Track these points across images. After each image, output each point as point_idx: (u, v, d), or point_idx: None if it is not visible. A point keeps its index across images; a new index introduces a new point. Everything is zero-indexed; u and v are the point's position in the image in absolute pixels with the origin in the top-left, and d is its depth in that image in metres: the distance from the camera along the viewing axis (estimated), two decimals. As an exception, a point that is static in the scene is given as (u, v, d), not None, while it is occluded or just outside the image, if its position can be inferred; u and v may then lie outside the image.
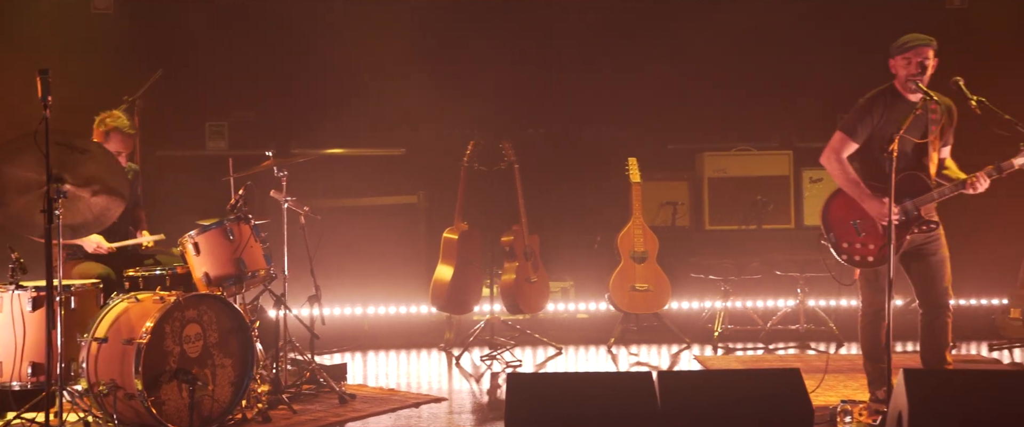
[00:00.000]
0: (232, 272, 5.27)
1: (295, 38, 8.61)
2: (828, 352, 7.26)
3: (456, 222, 7.47)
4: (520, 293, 7.29)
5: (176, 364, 4.85)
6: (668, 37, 8.71)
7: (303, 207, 5.94)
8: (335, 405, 5.62)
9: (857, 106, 5.32)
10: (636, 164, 7.72)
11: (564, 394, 4.13)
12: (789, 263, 7.75)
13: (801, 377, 4.09)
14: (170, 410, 4.81)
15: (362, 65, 8.58)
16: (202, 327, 4.96)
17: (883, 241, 5.06)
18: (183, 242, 5.33)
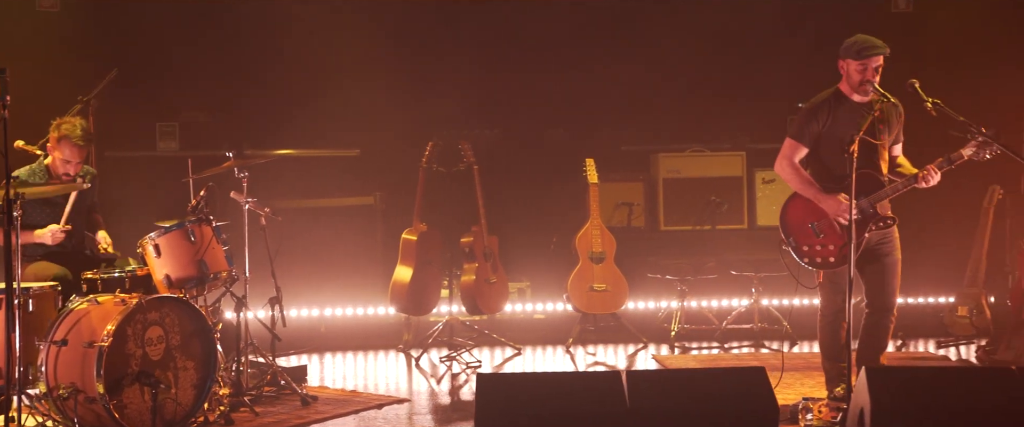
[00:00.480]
0: (194, 274, 5.22)
1: (247, 37, 8.53)
2: (782, 350, 7.36)
3: (415, 223, 7.46)
4: (480, 294, 7.30)
5: (138, 367, 4.79)
6: (624, 39, 8.78)
7: (264, 208, 5.90)
8: (297, 407, 5.59)
9: (801, 112, 5.45)
10: (593, 165, 7.78)
11: (533, 394, 4.15)
12: (744, 263, 7.86)
13: (766, 375, 4.16)
14: (132, 413, 4.75)
15: (316, 65, 8.53)
16: (164, 330, 4.91)
17: (842, 241, 5.17)
18: (143, 244, 5.26)
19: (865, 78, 5.21)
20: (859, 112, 5.28)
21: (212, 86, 8.56)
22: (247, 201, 5.77)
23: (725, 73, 8.99)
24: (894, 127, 5.42)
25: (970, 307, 7.35)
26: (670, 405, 4.08)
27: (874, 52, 5.22)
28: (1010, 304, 6.91)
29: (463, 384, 6.46)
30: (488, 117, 8.83)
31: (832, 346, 5.31)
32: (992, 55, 8.46)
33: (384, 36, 8.52)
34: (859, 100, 5.31)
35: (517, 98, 8.82)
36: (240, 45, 8.52)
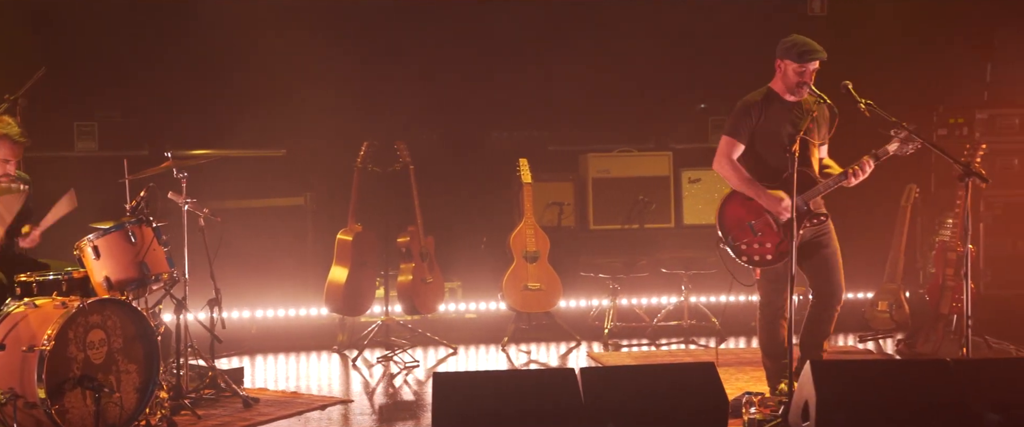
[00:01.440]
0: (135, 276, 5.13)
1: (168, 35, 8.36)
2: (715, 347, 7.53)
3: (350, 223, 7.44)
4: (416, 294, 7.31)
5: (80, 371, 4.70)
6: (554, 43, 8.85)
7: (203, 209, 5.82)
8: (239, 409, 5.54)
9: (736, 109, 5.58)
10: (527, 165, 7.85)
11: (489, 392, 4.19)
12: (674, 261, 8.01)
13: (716, 370, 4.28)
14: (74, 418, 4.65)
15: (241, 65, 8.42)
16: (106, 333, 4.82)
17: (779, 238, 5.33)
18: (81, 245, 5.15)
19: (803, 80, 5.36)
20: (791, 111, 5.47)
21: (132, 85, 8.37)
22: (186, 202, 5.69)
23: (650, 75, 9.13)
24: (823, 129, 5.60)
25: (889, 302, 7.63)
26: (623, 400, 4.16)
27: (814, 56, 5.39)
28: (928, 299, 7.18)
29: (403, 384, 6.46)
30: (418, 119, 8.81)
31: (772, 344, 5.46)
32: (902, 56, 8.77)
33: (313, 36, 8.44)
34: (791, 99, 5.48)
35: (446, 101, 8.82)
36: (161, 43, 8.34)
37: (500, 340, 7.66)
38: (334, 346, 7.50)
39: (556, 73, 8.81)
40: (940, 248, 7.14)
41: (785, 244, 5.31)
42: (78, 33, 8.13)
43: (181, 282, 5.58)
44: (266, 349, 7.47)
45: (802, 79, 5.37)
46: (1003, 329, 7.24)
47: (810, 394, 4.19)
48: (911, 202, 7.78)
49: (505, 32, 8.78)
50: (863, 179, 5.42)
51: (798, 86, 5.39)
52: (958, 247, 7.01)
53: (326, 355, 7.36)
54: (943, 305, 6.98)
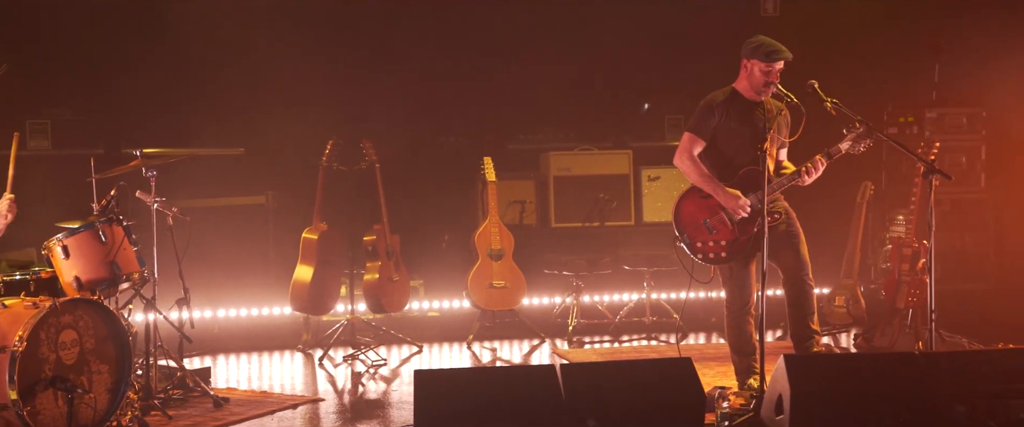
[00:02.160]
0: (106, 275, 5.08)
1: (124, 31, 8.26)
2: (677, 343, 7.62)
3: (315, 222, 7.41)
4: (383, 292, 7.31)
5: (52, 372, 4.64)
6: (513, 42, 8.90)
7: (171, 208, 5.77)
8: (210, 409, 5.50)
9: (699, 107, 5.69)
10: (491, 163, 7.88)
11: (471, 389, 4.23)
12: (637, 258, 8.10)
13: (693, 365, 4.35)
14: (46, 420, 4.60)
15: (201, 62, 8.36)
16: (78, 333, 4.77)
17: (733, 236, 5.46)
18: (49, 245, 5.09)
19: (769, 80, 5.47)
20: (754, 111, 5.59)
21: (83, 82, 8.26)
22: (156, 201, 5.64)
23: (607, 74, 9.23)
24: (785, 131, 5.75)
25: (846, 297, 7.78)
26: (603, 396, 4.22)
27: (780, 56, 5.50)
28: (884, 294, 7.35)
29: (372, 382, 6.47)
30: (378, 117, 8.77)
31: (740, 340, 5.56)
32: (852, 56, 8.95)
33: (275, 34, 8.40)
34: (755, 100, 5.60)
35: (406, 100, 8.81)
36: (116, 39, 8.24)
37: (464, 338, 7.69)
38: (299, 345, 7.48)
39: (517, 72, 8.85)
40: (896, 244, 7.31)
41: (739, 242, 5.46)
42: (28, 29, 7.98)
43: (151, 282, 5.52)
44: (229, 349, 7.42)
45: (769, 79, 5.48)
46: (954, 323, 7.42)
47: (784, 388, 4.28)
48: (866, 199, 7.94)
49: (467, 33, 8.82)
50: (817, 176, 5.55)
51: (765, 86, 5.49)
52: (913, 243, 7.17)
53: (291, 354, 7.33)
54: (899, 300, 7.14)
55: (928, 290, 5.19)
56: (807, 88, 5.44)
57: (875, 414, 4.24)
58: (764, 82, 5.49)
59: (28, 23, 7.99)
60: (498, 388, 4.24)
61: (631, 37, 9.07)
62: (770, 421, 4.45)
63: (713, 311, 8.42)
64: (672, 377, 4.29)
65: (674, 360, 4.36)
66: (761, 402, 4.69)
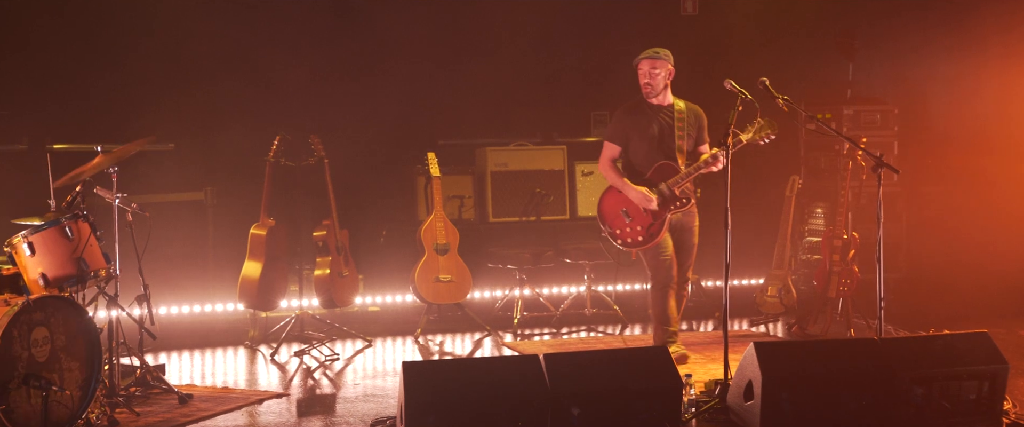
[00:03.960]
0: (73, 272, 5.03)
1: (45, 16, 8.07)
2: (619, 333, 7.84)
3: (262, 218, 7.39)
4: (334, 287, 7.34)
5: (25, 369, 4.58)
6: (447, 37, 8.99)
7: (131, 204, 5.72)
8: (175, 406, 5.49)
9: (614, 117, 6.54)
10: (435, 159, 7.96)
11: (458, 379, 4.34)
12: (578, 252, 8.29)
13: (669, 354, 4.54)
14: (20, 418, 4.54)
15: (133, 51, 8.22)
16: (50, 330, 4.72)
17: (649, 221, 6.24)
18: (13, 242, 5.00)
19: (643, 81, 6.27)
20: (658, 113, 6.33)
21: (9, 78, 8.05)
22: (117, 197, 5.58)
23: (536, 71, 9.39)
24: (693, 131, 6.41)
25: (778, 287, 8.11)
26: (586, 383, 4.38)
27: (639, 58, 6.30)
28: (816, 284, 7.69)
29: (330, 376, 6.51)
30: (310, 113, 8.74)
31: (663, 313, 6.32)
32: (769, 54, 9.30)
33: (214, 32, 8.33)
34: (656, 102, 6.32)
35: (343, 96, 8.81)
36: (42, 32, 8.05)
37: (410, 332, 7.77)
38: (247, 341, 7.45)
39: (451, 68, 8.96)
40: (826, 235, 7.65)
41: (655, 226, 6.22)
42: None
43: (114, 278, 5.47)
44: (175, 346, 7.34)
45: (642, 80, 6.27)
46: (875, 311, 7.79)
47: (755, 374, 4.50)
48: (795, 192, 8.27)
49: (404, 31, 8.87)
50: (723, 165, 5.90)
51: (644, 87, 6.27)
52: (843, 234, 7.52)
53: (239, 350, 7.30)
54: (831, 289, 7.49)
55: (878, 279, 5.48)
56: (758, 85, 5.70)
57: (841, 397, 4.49)
58: (642, 84, 6.28)
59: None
60: (485, 378, 4.35)
61: (557, 35, 9.25)
62: (739, 407, 4.67)
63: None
64: (650, 365, 4.47)
65: (650, 349, 4.56)
66: (726, 390, 4.91)
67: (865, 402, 4.47)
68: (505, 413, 4.26)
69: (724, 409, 4.87)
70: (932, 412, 4.48)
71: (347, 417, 5.32)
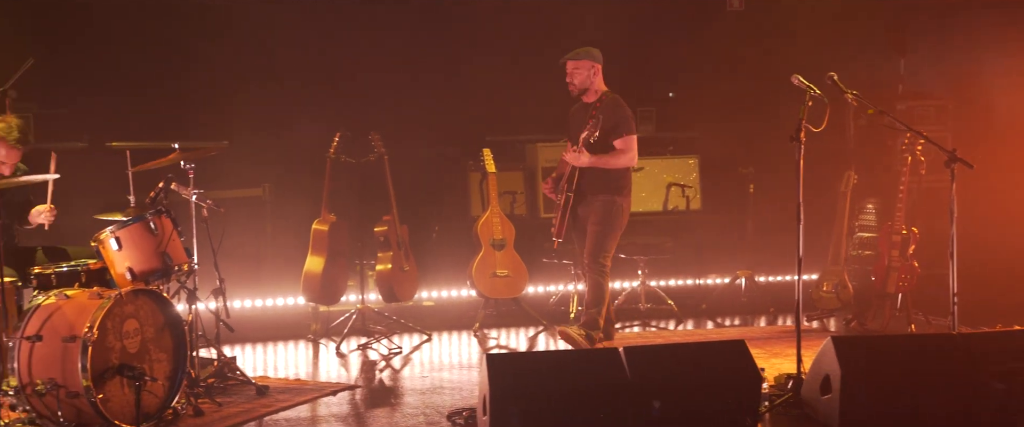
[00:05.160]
0: (158, 266, 5.15)
1: (100, 22, 8.21)
2: (674, 328, 7.89)
3: (323, 214, 7.50)
4: (396, 282, 7.44)
5: (118, 360, 4.71)
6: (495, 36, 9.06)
7: (206, 200, 5.84)
8: (254, 397, 5.60)
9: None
10: (490, 155, 8.03)
11: (541, 371, 4.42)
12: (632, 247, 8.34)
13: (747, 347, 4.60)
14: (114, 407, 4.67)
15: (193, 53, 8.36)
16: (140, 322, 4.85)
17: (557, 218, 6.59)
18: (101, 238, 5.13)
19: (567, 81, 6.55)
20: (582, 111, 6.58)
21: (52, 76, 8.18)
22: (194, 193, 5.70)
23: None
24: (605, 124, 6.44)
25: (834, 283, 8.13)
26: (666, 376, 4.45)
27: (562, 59, 6.53)
28: (874, 280, 7.70)
29: (395, 369, 6.61)
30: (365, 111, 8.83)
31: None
32: (818, 50, 9.27)
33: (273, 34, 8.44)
34: (587, 101, 6.58)
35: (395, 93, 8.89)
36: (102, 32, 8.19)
37: (465, 326, 7.86)
38: (309, 335, 7.57)
39: (498, 66, 9.02)
40: (884, 231, 7.66)
41: (557, 219, 6.61)
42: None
43: (193, 272, 5.60)
44: (238, 339, 7.43)
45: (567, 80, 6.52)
46: (936, 306, 7.81)
47: (833, 368, 4.55)
48: (850, 188, 8.28)
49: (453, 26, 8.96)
50: (577, 158, 6.43)
51: (568, 86, 6.56)
52: (902, 229, 7.54)
53: (302, 344, 7.42)
54: (889, 285, 7.51)
55: (951, 275, 5.50)
56: (826, 81, 5.73)
57: (920, 391, 4.53)
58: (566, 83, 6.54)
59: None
60: (566, 370, 4.43)
61: (603, 30, 9.29)
62: (815, 401, 4.72)
63: (704, 298, 8.74)
64: (729, 359, 4.53)
65: (730, 342, 4.60)
66: (800, 384, 4.96)
67: (945, 397, 4.50)
68: (587, 405, 4.33)
69: (798, 403, 4.92)
70: (1014, 407, 4.50)
71: (423, 408, 5.41)
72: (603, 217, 6.48)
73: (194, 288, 5.65)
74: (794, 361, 6.11)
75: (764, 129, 9.50)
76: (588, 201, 6.51)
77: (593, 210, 6.50)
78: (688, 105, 9.50)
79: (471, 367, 6.60)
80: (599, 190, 6.47)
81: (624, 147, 6.49)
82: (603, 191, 6.47)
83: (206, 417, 5.10)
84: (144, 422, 4.73)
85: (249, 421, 5.11)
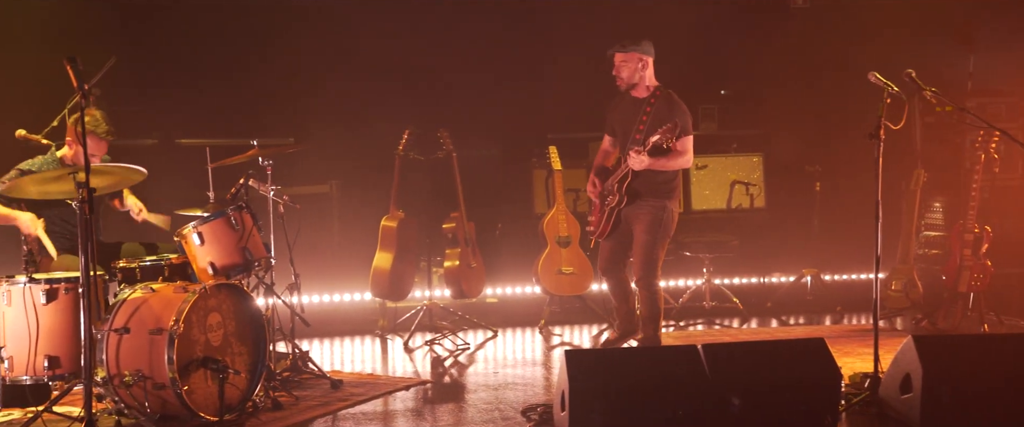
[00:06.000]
0: (239, 261, 5.24)
1: (168, 22, 8.35)
2: (739, 327, 7.86)
3: (392, 210, 7.57)
4: (464, 278, 7.49)
5: (202, 353, 4.81)
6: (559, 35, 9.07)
7: (283, 196, 5.94)
8: (328, 390, 5.68)
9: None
10: (556, 152, 8.05)
11: (619, 368, 4.44)
12: (697, 244, 8.33)
13: (826, 345, 4.58)
14: (199, 398, 4.77)
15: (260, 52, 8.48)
16: (222, 316, 4.94)
17: (597, 212, 6.38)
18: (184, 233, 5.24)
19: (613, 73, 6.25)
20: (631, 106, 6.28)
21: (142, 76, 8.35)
22: (272, 189, 5.80)
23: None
24: (658, 123, 6.12)
25: (903, 282, 8.04)
26: (745, 374, 4.44)
27: (609, 52, 6.25)
28: (945, 279, 7.61)
29: (462, 364, 6.66)
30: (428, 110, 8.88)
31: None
32: (885, 47, 9.17)
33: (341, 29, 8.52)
34: (634, 95, 6.28)
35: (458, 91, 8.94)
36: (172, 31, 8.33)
37: (530, 322, 7.90)
38: (376, 331, 7.65)
39: (560, 64, 9.03)
40: (957, 229, 7.56)
41: (597, 217, 6.36)
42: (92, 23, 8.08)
43: (271, 267, 5.69)
44: (307, 333, 7.53)
45: (613, 73, 6.23)
46: (1007, 306, 7.71)
47: (914, 367, 4.51)
48: (920, 186, 8.18)
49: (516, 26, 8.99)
50: (639, 166, 6.08)
51: (616, 79, 6.26)
52: (974, 228, 7.44)
53: (367, 339, 7.50)
54: (961, 284, 7.41)
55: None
56: (904, 77, 5.68)
57: (1004, 392, 4.48)
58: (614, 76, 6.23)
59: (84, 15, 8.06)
60: (645, 367, 4.44)
61: (664, 29, 9.25)
62: (894, 400, 4.69)
63: (770, 296, 8.70)
64: (808, 356, 4.51)
65: (809, 340, 4.58)
66: (877, 383, 4.92)
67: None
68: (666, 401, 4.34)
69: (875, 402, 4.89)
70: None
71: (496, 403, 5.45)
72: (653, 224, 6.11)
73: (271, 283, 5.74)
74: (865, 360, 6.12)
75: (830, 127, 9.43)
76: (637, 204, 6.15)
77: (642, 215, 6.13)
78: (752, 103, 9.45)
79: (537, 364, 6.64)
80: (651, 194, 6.12)
81: (683, 148, 6.11)
82: (654, 195, 6.13)
83: (284, 410, 5.18)
84: (226, 414, 4.81)
85: (326, 414, 5.18)
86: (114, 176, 4.85)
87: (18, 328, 4.69)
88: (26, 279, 4.72)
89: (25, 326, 4.68)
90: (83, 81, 4.39)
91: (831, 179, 8.91)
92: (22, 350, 4.69)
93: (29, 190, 4.79)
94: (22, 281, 4.73)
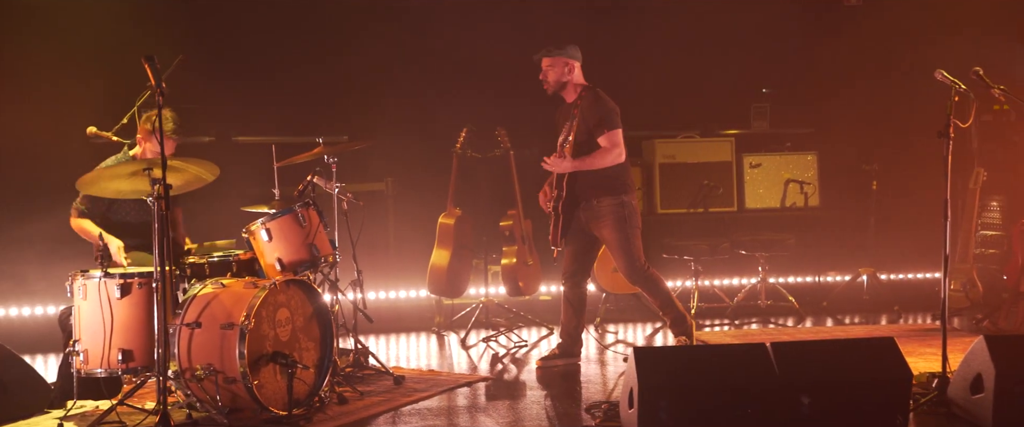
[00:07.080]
0: (306, 257, 5.30)
1: (219, 24, 8.42)
2: (795, 326, 7.81)
3: (449, 208, 7.62)
4: (521, 276, 7.52)
5: (272, 348, 4.87)
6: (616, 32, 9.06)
7: (346, 194, 6.00)
8: (391, 386, 5.72)
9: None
10: (608, 151, 8.03)
11: (688, 365, 4.44)
12: (753, 243, 8.30)
13: (896, 344, 4.55)
14: (268, 393, 4.83)
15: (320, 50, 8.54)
16: (290, 311, 5.00)
17: (551, 224, 6.18)
18: (252, 229, 5.31)
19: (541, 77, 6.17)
20: (565, 111, 6.23)
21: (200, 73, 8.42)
22: (337, 186, 5.86)
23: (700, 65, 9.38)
24: (584, 125, 6.08)
25: (963, 281, 7.96)
26: (814, 372, 4.42)
27: (536, 57, 6.17)
28: (1006, 278, 7.52)
29: (518, 362, 6.68)
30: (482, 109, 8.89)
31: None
32: (938, 44, 9.07)
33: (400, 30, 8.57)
34: (568, 99, 6.24)
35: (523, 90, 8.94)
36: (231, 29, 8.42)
37: (586, 320, 7.86)
38: (432, 327, 7.69)
39: (614, 62, 9.00)
40: (1019, 229, 7.48)
41: (552, 224, 6.17)
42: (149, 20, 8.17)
43: (336, 264, 5.75)
44: (365, 330, 7.59)
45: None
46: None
47: (985, 368, 4.47)
48: (979, 185, 8.10)
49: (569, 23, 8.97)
50: (559, 165, 6.08)
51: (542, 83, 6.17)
52: (1038, 228, 7.35)
53: (422, 335, 7.54)
54: (1023, 284, 7.32)
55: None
56: (971, 75, 5.62)
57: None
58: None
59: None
60: (713, 365, 4.44)
61: (717, 27, 9.24)
62: (964, 400, 4.65)
63: (825, 295, 8.64)
64: (878, 356, 4.49)
65: (878, 339, 4.55)
66: (945, 383, 4.88)
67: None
68: (735, 400, 4.33)
69: (944, 402, 4.85)
70: None
71: (558, 401, 5.47)
72: (618, 222, 6.00)
73: (336, 279, 5.80)
74: (928, 359, 6.07)
75: (885, 126, 9.36)
76: (592, 206, 6.03)
77: (603, 217, 6.03)
78: (805, 102, 9.40)
79: (593, 361, 6.64)
80: (601, 192, 6.00)
81: (609, 143, 5.96)
82: (606, 193, 6.00)
83: (350, 405, 5.24)
84: (294, 408, 4.87)
85: (390, 410, 5.22)
86: (188, 173, 4.91)
87: (93, 322, 4.78)
88: (101, 274, 4.80)
89: (100, 320, 4.76)
90: (161, 79, 4.45)
91: (887, 177, 8.84)
92: (97, 343, 4.77)
93: (106, 188, 4.88)
94: (97, 275, 4.81)
